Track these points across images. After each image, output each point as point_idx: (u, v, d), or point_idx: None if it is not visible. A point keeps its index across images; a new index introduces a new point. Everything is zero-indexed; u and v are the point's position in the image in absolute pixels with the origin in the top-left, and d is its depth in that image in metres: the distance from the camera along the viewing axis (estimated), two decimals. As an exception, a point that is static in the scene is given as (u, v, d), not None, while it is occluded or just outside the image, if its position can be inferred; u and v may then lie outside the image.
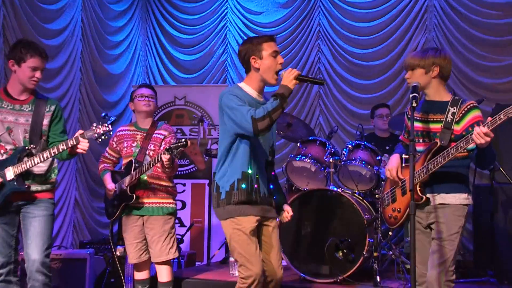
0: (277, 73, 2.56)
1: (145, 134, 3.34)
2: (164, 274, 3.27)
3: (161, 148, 3.27)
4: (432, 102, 2.53)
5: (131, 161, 3.26)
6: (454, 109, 2.42)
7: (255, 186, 2.56)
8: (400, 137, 2.83)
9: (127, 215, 3.31)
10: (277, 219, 2.77)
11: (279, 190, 2.85)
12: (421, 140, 2.55)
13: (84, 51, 5.61)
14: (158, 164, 3.10)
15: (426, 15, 5.67)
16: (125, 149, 3.36)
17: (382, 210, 2.77)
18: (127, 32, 6.29)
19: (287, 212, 2.80)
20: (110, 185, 3.31)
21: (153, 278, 3.39)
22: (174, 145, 2.94)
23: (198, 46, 6.44)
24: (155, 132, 3.36)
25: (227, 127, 2.55)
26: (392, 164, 2.59)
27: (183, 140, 2.95)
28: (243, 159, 2.54)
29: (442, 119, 2.45)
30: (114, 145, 3.44)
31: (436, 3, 5.59)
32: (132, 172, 3.19)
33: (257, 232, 2.58)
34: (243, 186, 2.52)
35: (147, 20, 6.63)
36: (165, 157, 2.95)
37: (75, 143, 2.64)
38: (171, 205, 3.34)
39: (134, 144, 3.33)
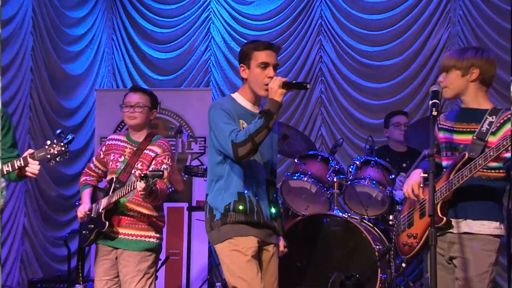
0: (266, 85, 2.64)
1: (134, 149, 3.35)
2: None
3: (151, 167, 3.28)
4: (468, 110, 2.54)
5: (112, 179, 3.29)
6: (492, 118, 2.42)
7: (255, 208, 2.69)
8: (426, 151, 2.91)
9: (100, 244, 3.32)
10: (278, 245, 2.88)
11: (279, 216, 2.93)
12: (449, 154, 2.57)
13: (35, 47, 5.63)
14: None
15: (449, 5, 5.80)
16: (111, 162, 3.38)
17: (397, 238, 2.80)
18: (89, 24, 6.36)
19: (282, 247, 2.90)
20: (85, 205, 3.31)
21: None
22: (151, 173, 2.94)
23: (175, 42, 6.57)
24: (147, 147, 3.37)
25: (214, 144, 2.70)
26: (411, 181, 2.58)
27: (161, 169, 2.99)
28: (238, 179, 2.68)
29: (476, 129, 2.46)
30: (102, 156, 3.46)
31: (462, -10, 5.68)
32: (110, 193, 3.22)
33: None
34: (240, 207, 2.65)
35: (114, 10, 6.73)
36: (140, 185, 2.95)
37: (22, 165, 2.67)
38: (152, 239, 3.32)
39: (121, 159, 3.35)
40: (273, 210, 2.83)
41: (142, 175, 2.95)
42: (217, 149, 2.70)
